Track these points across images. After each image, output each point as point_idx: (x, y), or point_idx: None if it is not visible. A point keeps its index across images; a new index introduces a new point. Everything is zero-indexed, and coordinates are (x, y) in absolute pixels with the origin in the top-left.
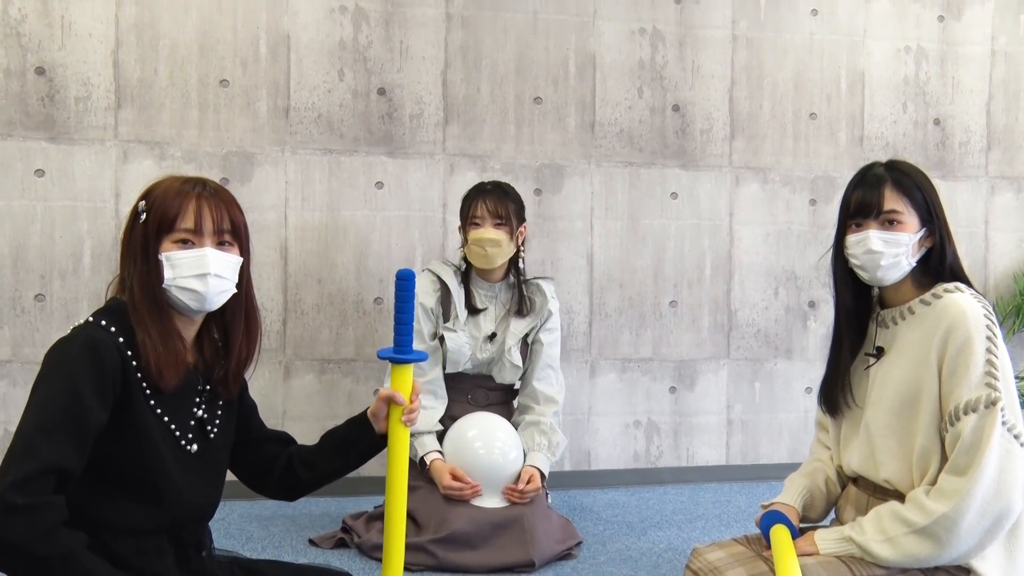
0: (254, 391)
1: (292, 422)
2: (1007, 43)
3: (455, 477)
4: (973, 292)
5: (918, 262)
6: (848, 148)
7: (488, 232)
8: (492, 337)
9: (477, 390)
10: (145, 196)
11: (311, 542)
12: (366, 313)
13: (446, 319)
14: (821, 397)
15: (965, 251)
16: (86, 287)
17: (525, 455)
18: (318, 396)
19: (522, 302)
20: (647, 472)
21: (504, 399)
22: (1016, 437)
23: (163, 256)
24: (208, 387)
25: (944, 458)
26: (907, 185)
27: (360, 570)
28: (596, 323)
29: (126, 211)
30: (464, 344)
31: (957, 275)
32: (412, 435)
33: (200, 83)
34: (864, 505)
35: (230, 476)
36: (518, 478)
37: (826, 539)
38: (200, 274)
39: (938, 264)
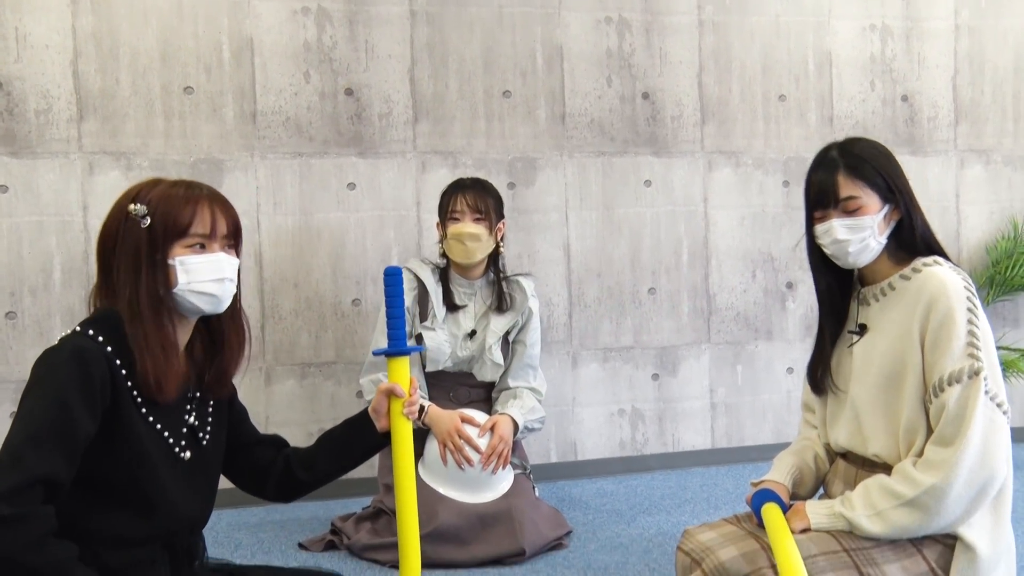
0: None
1: (276, 428)
2: (970, 17)
3: (465, 420)
4: (952, 264)
5: (891, 237)
6: (818, 128)
7: (468, 227)
8: (472, 335)
9: (459, 387)
10: (140, 200)
11: (301, 546)
12: (344, 315)
13: (423, 318)
14: (808, 378)
15: (938, 225)
16: (58, 302)
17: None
18: (300, 401)
19: (502, 298)
20: (633, 460)
21: (486, 396)
22: (999, 406)
23: (176, 261)
24: (198, 394)
25: (930, 430)
26: (860, 168)
27: (352, 570)
28: (576, 314)
29: (96, 224)
30: (444, 342)
31: (931, 246)
32: None
33: (164, 91)
34: (852, 478)
35: (220, 484)
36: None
37: (817, 513)
38: (218, 279)
39: (910, 236)
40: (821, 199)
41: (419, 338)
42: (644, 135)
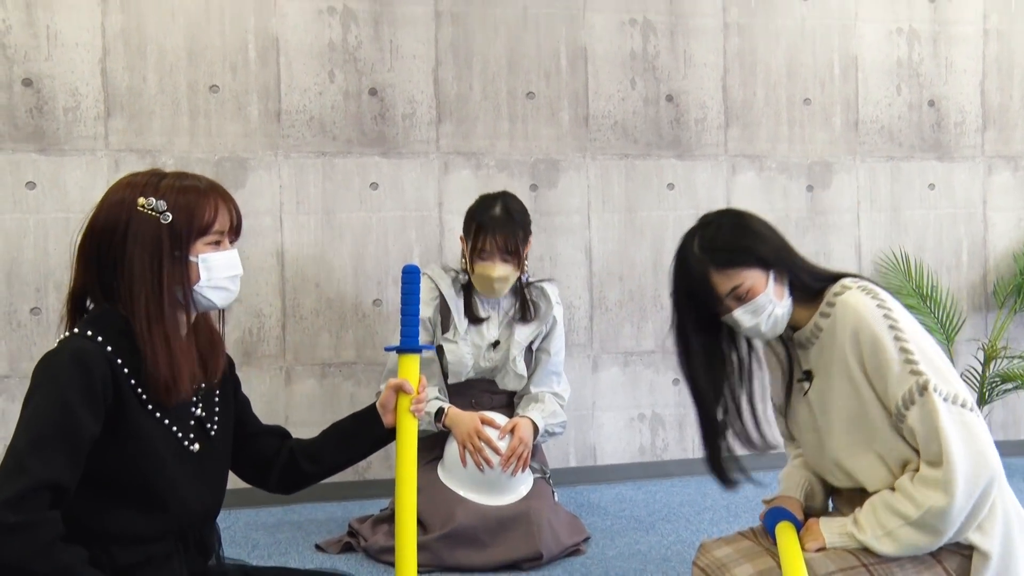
0: (255, 397)
1: (295, 428)
2: (999, 21)
3: (485, 421)
4: (859, 284)
5: (791, 293)
6: (843, 133)
7: (496, 269)
8: (496, 345)
9: (481, 395)
10: (150, 195)
11: (318, 547)
12: (365, 316)
13: (445, 329)
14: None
15: (963, 232)
16: None
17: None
18: (320, 401)
19: (526, 308)
20: (653, 465)
21: (508, 402)
22: (963, 405)
23: (199, 258)
24: (203, 385)
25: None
26: (728, 259)
27: (368, 573)
28: (597, 317)
29: None
30: (466, 355)
31: (825, 277)
32: None
33: (190, 89)
34: (858, 499)
35: (235, 485)
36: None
37: (831, 532)
38: (234, 275)
39: (802, 285)
40: (708, 301)
41: (440, 350)
42: (667, 138)
